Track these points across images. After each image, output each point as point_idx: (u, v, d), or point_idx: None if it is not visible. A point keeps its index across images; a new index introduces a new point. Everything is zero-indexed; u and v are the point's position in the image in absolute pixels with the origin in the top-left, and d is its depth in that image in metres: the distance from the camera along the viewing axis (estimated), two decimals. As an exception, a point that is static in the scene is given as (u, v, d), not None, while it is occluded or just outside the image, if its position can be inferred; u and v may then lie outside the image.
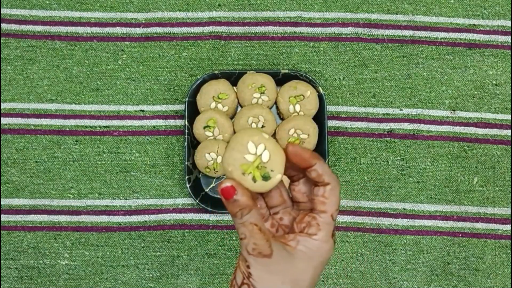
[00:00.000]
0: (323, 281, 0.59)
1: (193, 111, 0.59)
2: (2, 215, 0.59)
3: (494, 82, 0.62)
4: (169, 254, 0.59)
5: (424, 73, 0.62)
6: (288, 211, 0.36)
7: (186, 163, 0.58)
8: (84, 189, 0.60)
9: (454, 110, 0.62)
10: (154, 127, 0.61)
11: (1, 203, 0.59)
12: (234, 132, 0.59)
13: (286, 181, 0.37)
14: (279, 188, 0.36)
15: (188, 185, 0.57)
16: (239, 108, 0.60)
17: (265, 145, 0.33)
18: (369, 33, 0.63)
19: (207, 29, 0.62)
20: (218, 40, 0.62)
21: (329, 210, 0.33)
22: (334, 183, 0.34)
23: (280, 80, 0.59)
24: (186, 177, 0.57)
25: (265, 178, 0.33)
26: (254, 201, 0.33)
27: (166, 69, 0.62)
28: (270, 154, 0.33)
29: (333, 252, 0.34)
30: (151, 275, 0.59)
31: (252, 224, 0.32)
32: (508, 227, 0.60)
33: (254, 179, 0.33)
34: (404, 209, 0.60)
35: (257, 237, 0.32)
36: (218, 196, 0.60)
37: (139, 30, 0.62)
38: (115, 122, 0.61)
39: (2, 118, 0.61)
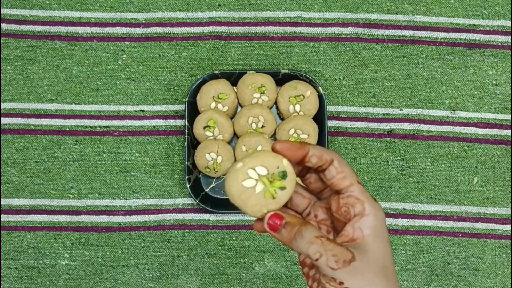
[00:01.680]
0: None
1: (193, 111, 0.59)
2: (2, 215, 0.59)
3: (494, 82, 0.62)
4: (169, 254, 0.59)
5: (424, 73, 0.62)
6: (317, 205, 0.35)
7: (186, 163, 0.58)
8: (84, 189, 0.60)
9: (454, 110, 0.62)
10: (154, 127, 0.61)
11: (1, 203, 0.59)
12: (234, 132, 0.59)
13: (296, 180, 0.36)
14: (297, 191, 0.35)
15: (188, 185, 0.57)
16: (239, 108, 0.60)
17: (250, 167, 0.31)
18: (369, 33, 0.63)
19: (207, 29, 0.62)
20: (218, 40, 0.62)
21: (353, 179, 0.32)
22: (337, 156, 0.32)
23: (280, 80, 0.59)
24: (186, 177, 0.57)
25: (283, 176, 0.31)
26: (302, 218, 0.31)
27: (166, 69, 0.62)
28: (261, 165, 0.31)
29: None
30: (151, 275, 0.59)
31: (319, 237, 0.30)
32: (508, 227, 0.60)
33: (282, 188, 0.31)
34: (404, 209, 0.60)
35: (331, 246, 0.30)
36: (218, 196, 0.60)
37: (139, 30, 0.62)
38: (115, 122, 0.61)
39: (2, 118, 0.61)
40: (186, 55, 0.62)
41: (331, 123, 0.61)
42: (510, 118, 0.62)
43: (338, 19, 0.63)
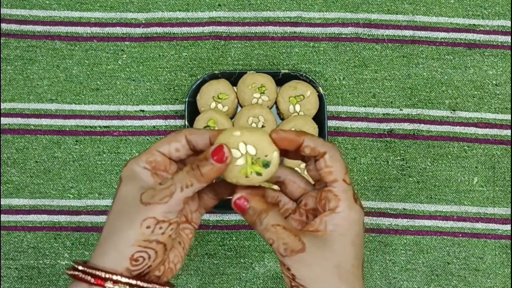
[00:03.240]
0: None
1: (193, 111, 0.59)
2: (2, 215, 0.59)
3: (494, 82, 0.62)
4: (169, 254, 0.59)
5: (424, 73, 0.62)
6: (310, 194, 0.35)
7: (186, 163, 0.58)
8: (84, 189, 0.60)
9: (454, 110, 0.62)
10: (154, 127, 0.61)
11: (1, 203, 0.59)
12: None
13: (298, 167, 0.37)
14: (293, 178, 0.36)
15: (188, 185, 0.57)
16: (239, 108, 0.60)
17: (244, 141, 0.32)
18: (369, 33, 0.63)
19: (207, 29, 0.62)
20: (218, 40, 0.62)
21: (338, 176, 0.32)
22: (331, 149, 0.33)
23: (280, 80, 0.59)
24: (186, 177, 0.57)
25: (266, 165, 0.33)
26: (268, 204, 0.32)
27: (166, 69, 0.62)
28: (254, 145, 0.32)
29: (364, 217, 0.33)
30: (151, 275, 0.59)
31: (274, 225, 0.31)
32: (508, 227, 0.60)
33: (258, 174, 0.33)
34: (404, 209, 0.60)
35: (284, 236, 0.31)
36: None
37: (139, 30, 0.62)
38: (115, 122, 0.61)
39: (2, 118, 0.61)
40: (186, 55, 0.62)
41: (331, 123, 0.61)
42: (510, 118, 0.62)
43: (338, 19, 0.63)
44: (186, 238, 0.36)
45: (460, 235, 0.60)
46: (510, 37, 0.63)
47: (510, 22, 0.63)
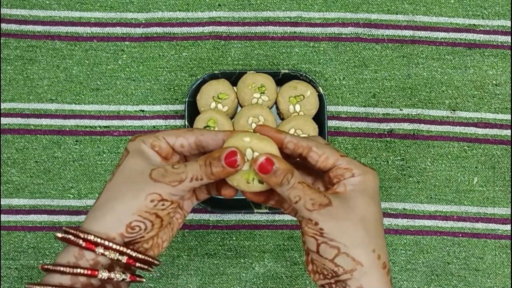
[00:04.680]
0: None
1: (193, 111, 0.59)
2: (2, 215, 0.59)
3: (494, 82, 0.62)
4: (169, 254, 0.59)
5: (424, 73, 0.62)
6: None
7: (186, 163, 0.58)
8: (84, 189, 0.60)
9: (454, 110, 0.62)
10: (154, 127, 0.61)
11: (1, 203, 0.59)
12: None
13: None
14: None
15: (188, 185, 0.57)
16: (239, 108, 0.60)
17: (252, 148, 0.33)
18: (369, 33, 0.63)
19: (207, 29, 0.62)
20: (218, 40, 0.62)
21: (336, 156, 0.34)
22: (314, 140, 0.34)
23: (280, 80, 0.59)
24: (186, 177, 0.57)
25: (260, 181, 0.33)
26: (291, 164, 0.33)
27: (166, 69, 0.62)
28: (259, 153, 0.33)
29: (378, 177, 0.35)
30: (151, 275, 0.59)
31: (301, 183, 0.32)
32: (508, 227, 0.60)
33: (260, 182, 0.33)
34: (404, 209, 0.60)
35: (310, 192, 0.32)
36: (219, 196, 0.60)
37: (139, 30, 0.62)
38: (115, 122, 0.61)
39: (2, 118, 0.61)
40: (186, 55, 0.62)
41: (331, 123, 0.61)
42: (510, 118, 0.62)
43: (338, 19, 0.63)
44: (175, 222, 0.37)
45: (460, 235, 0.60)
46: (510, 37, 0.63)
47: (510, 22, 0.63)
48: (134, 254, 0.33)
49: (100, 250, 0.32)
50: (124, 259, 0.32)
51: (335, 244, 0.32)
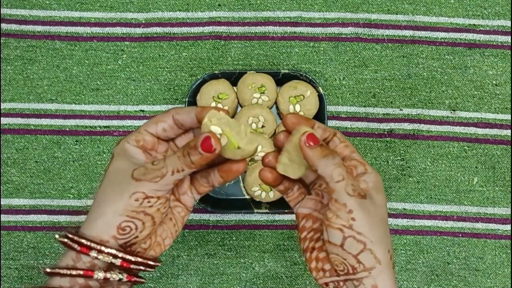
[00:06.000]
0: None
1: (193, 111, 0.59)
2: (2, 215, 0.59)
3: (494, 82, 0.62)
4: (169, 254, 0.59)
5: (424, 73, 0.62)
6: (307, 198, 0.38)
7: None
8: (84, 189, 0.60)
9: (454, 110, 0.62)
10: (154, 127, 0.61)
11: (1, 203, 0.59)
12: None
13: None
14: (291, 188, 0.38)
15: (188, 185, 0.57)
16: (239, 108, 0.60)
17: (216, 125, 0.34)
18: (369, 33, 0.63)
19: (207, 29, 0.62)
20: (218, 40, 0.62)
21: (352, 148, 0.35)
22: (338, 132, 0.37)
23: (280, 80, 0.59)
24: (186, 177, 0.57)
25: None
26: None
27: (166, 69, 0.62)
28: (225, 125, 0.34)
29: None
30: (151, 275, 0.59)
31: (343, 165, 0.33)
32: (508, 227, 0.60)
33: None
34: (404, 209, 0.60)
35: (351, 177, 0.32)
36: (218, 196, 0.60)
37: (139, 30, 0.62)
38: (115, 122, 0.61)
39: (2, 118, 0.61)
40: (186, 55, 0.62)
41: (331, 123, 0.61)
42: (510, 118, 0.62)
43: (338, 19, 0.63)
44: (178, 216, 0.37)
45: (460, 235, 0.60)
46: (510, 37, 0.63)
47: (510, 22, 0.63)
48: (127, 256, 0.33)
49: (93, 254, 0.32)
50: (118, 262, 0.33)
51: (362, 239, 0.31)
